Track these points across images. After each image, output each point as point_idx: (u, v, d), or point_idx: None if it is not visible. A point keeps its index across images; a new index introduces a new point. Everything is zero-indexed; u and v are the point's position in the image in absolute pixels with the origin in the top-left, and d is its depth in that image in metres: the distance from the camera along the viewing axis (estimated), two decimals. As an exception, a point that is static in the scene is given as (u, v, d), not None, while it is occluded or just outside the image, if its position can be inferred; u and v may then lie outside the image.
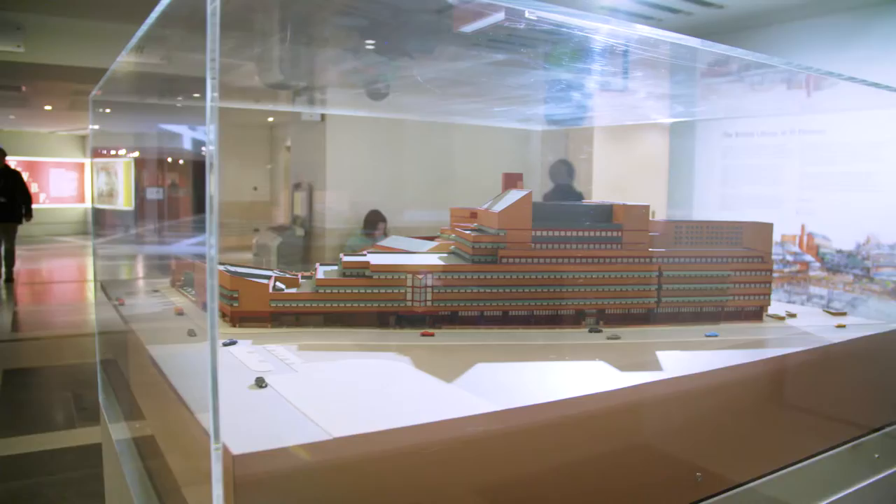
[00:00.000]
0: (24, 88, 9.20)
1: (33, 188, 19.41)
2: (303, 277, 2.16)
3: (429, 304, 1.93)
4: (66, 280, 12.66)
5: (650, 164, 7.76)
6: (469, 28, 2.67)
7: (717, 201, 7.03)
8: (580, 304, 1.98)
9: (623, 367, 1.56)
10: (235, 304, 1.92)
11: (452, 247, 2.18)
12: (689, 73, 2.44)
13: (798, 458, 1.78)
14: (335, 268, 2.11)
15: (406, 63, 5.18)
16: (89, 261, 14.60)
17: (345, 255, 2.11)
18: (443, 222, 2.47)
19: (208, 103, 0.94)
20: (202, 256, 1.09)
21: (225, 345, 1.71)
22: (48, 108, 13.67)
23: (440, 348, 1.72)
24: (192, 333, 1.89)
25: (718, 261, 2.07)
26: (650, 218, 2.08)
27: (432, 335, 1.85)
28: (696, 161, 7.18)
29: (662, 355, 1.69)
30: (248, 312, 1.91)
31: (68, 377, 5.97)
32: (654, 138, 7.98)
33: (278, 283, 2.05)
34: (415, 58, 4.69)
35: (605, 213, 2.07)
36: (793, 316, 2.24)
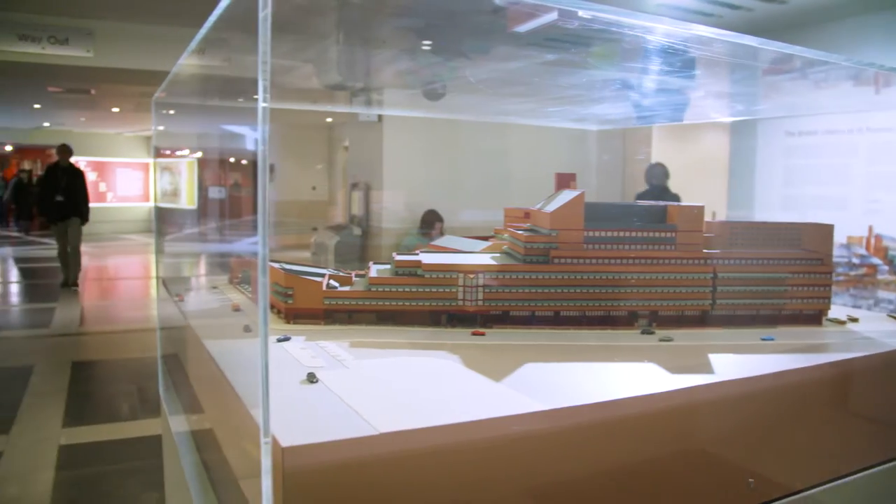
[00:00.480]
0: (93, 91, 9.51)
1: (101, 187, 20.04)
2: (356, 276, 2.19)
3: (480, 303, 1.93)
4: (131, 277, 13.05)
5: (710, 164, 7.62)
6: (523, 28, 2.67)
7: (779, 202, 6.86)
8: (633, 306, 1.96)
9: (674, 370, 1.54)
10: (290, 301, 1.95)
11: (505, 247, 2.19)
12: (749, 71, 2.40)
13: (857, 468, 1.73)
14: (388, 266, 2.13)
15: (462, 63, 5.20)
16: (154, 258, 15.02)
17: (398, 254, 2.13)
18: (499, 222, 2.48)
19: (260, 105, 0.97)
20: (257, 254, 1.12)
21: (279, 340, 1.75)
22: (116, 109, 14.12)
23: (490, 347, 1.73)
24: (247, 329, 1.93)
25: (775, 263, 2.03)
26: (707, 219, 2.05)
27: (483, 334, 1.85)
28: (758, 160, 7.02)
29: (715, 358, 1.66)
30: (302, 309, 1.95)
31: (132, 370, 6.16)
32: (714, 137, 7.83)
33: (332, 282, 2.09)
34: (471, 58, 4.70)
35: (659, 214, 2.05)
36: (855, 320, 2.18)
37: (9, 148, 22.80)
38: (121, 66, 6.72)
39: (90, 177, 19.70)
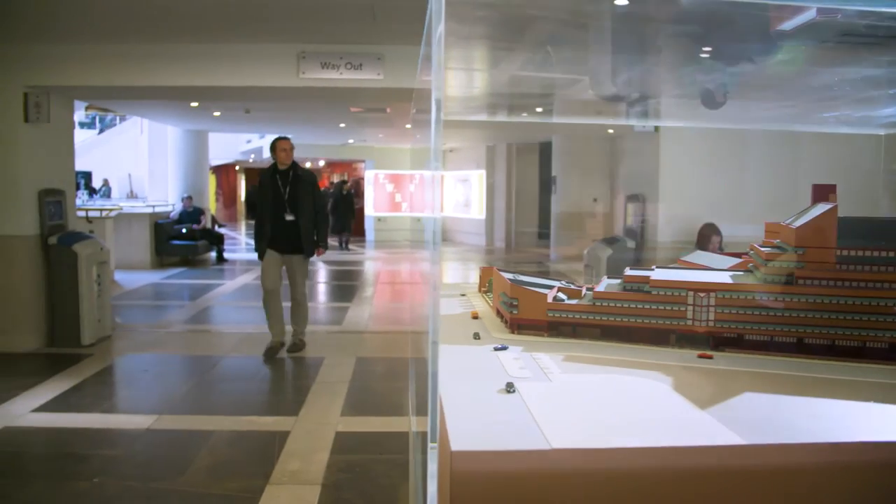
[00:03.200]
0: (388, 110, 10.34)
1: (396, 198, 21.65)
2: (587, 289, 2.15)
3: (711, 324, 1.80)
4: (418, 281, 13.94)
5: None
6: (786, 26, 2.48)
7: None
8: (895, 337, 1.70)
9: (929, 415, 1.32)
10: (515, 312, 1.98)
11: (750, 264, 2.02)
12: None
13: None
14: (619, 281, 2.07)
15: (745, 68, 4.89)
16: (441, 265, 15.95)
17: (630, 268, 2.06)
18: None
19: (433, 121, 1.00)
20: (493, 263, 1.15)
21: (495, 349, 1.78)
22: (408, 126, 15.21)
23: (712, 372, 1.61)
24: (476, 336, 1.99)
25: None
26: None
27: (710, 357, 1.73)
28: None
29: None
30: (526, 320, 1.96)
31: (406, 368, 6.60)
32: None
33: (560, 294, 2.07)
34: (756, 62, 4.41)
35: (935, 232, 1.76)
36: None
37: (322, 163, 25.75)
38: (408, 86, 7.24)
39: (387, 188, 21.46)
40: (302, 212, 6.73)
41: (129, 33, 6.63)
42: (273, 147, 6.82)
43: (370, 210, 21.54)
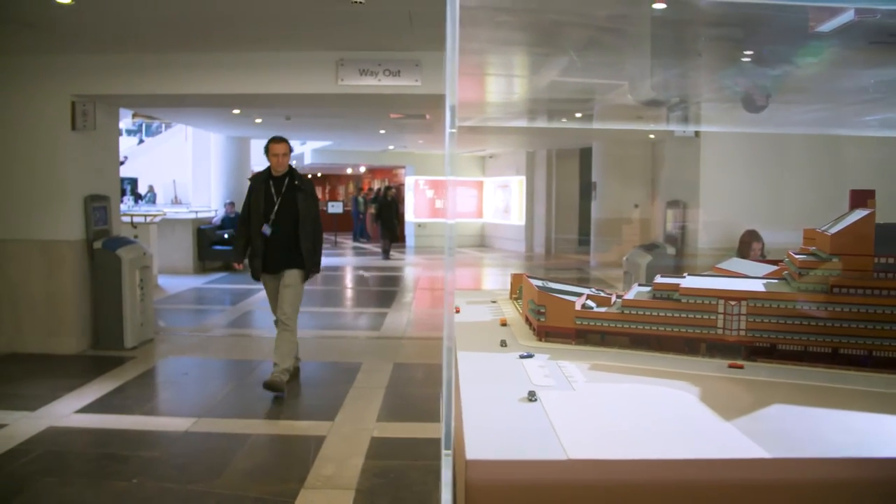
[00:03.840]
0: (427, 116, 10.35)
1: (437, 204, 21.65)
2: (616, 297, 2.12)
3: (742, 333, 1.76)
4: (460, 288, 13.91)
5: None
6: (825, 27, 2.44)
7: None
8: (934, 348, 1.65)
9: (968, 429, 1.27)
10: (542, 319, 1.96)
11: (785, 272, 1.97)
12: None
13: None
14: (649, 289, 2.04)
15: (786, 70, 4.80)
16: (480, 271, 15.97)
17: (661, 276, 2.03)
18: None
19: (447, 127, 0.99)
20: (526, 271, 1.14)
21: (521, 357, 1.76)
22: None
23: (742, 382, 1.57)
24: (503, 344, 1.97)
25: None
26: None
27: (741, 367, 1.69)
28: None
29: None
30: (553, 328, 1.94)
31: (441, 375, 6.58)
32: None
33: (588, 302, 2.05)
34: (799, 66, 4.33)
35: (978, 240, 1.70)
36: None
37: (362, 169, 25.93)
38: (443, 93, 7.25)
39: (427, 194, 21.49)
40: (299, 225, 5.79)
41: (171, 43, 6.76)
42: (266, 149, 5.85)
43: (410, 216, 21.62)
